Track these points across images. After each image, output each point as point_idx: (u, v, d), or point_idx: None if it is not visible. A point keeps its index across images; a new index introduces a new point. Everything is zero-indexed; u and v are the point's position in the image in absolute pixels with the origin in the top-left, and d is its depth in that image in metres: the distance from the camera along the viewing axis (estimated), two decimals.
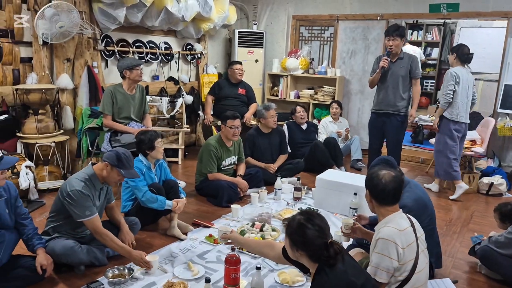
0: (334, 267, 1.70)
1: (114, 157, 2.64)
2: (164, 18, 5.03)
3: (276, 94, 6.63)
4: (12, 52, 4.11)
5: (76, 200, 2.52)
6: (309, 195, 4.25)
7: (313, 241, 1.72)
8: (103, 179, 2.70)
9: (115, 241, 2.62)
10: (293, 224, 1.80)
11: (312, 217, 1.79)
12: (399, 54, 4.30)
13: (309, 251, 1.73)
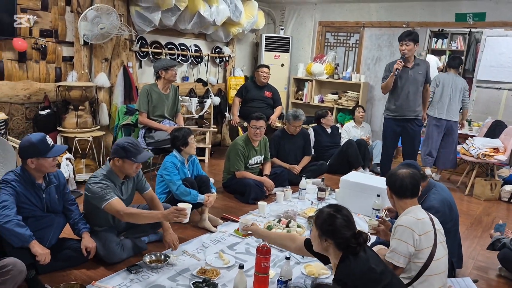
0: (358, 255, 1.84)
1: (120, 149, 2.68)
2: (197, 22, 5.24)
3: (301, 98, 6.78)
4: (55, 51, 4.37)
5: (94, 190, 2.63)
6: (332, 195, 4.39)
7: (341, 230, 1.85)
8: (122, 173, 2.79)
9: (144, 214, 2.66)
10: (322, 215, 1.93)
11: (340, 209, 1.94)
12: (414, 60, 4.38)
13: (338, 239, 1.86)
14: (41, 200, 2.56)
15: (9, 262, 2.11)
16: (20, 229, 2.30)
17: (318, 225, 1.94)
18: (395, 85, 4.38)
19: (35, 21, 4.14)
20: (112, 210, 2.64)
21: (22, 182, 2.46)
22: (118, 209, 2.61)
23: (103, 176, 2.71)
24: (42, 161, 2.46)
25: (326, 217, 1.91)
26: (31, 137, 2.49)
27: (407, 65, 4.31)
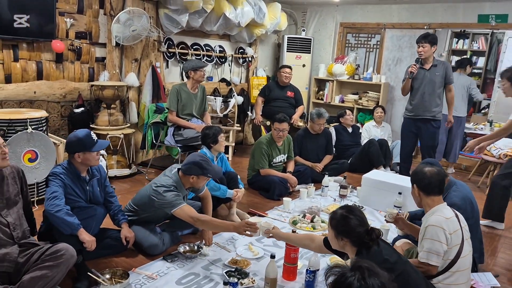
0: (371, 249, 1.95)
1: (196, 168, 2.83)
2: (222, 23, 5.41)
3: (321, 98, 6.89)
4: (89, 52, 4.58)
5: (167, 197, 2.75)
6: (353, 193, 4.50)
7: (355, 229, 1.96)
8: (191, 186, 2.93)
9: (216, 223, 2.79)
10: (336, 217, 2.04)
11: (352, 209, 2.05)
12: (433, 61, 4.45)
13: (353, 237, 1.97)
14: (85, 192, 2.74)
15: (62, 247, 2.29)
16: (70, 217, 2.48)
17: (333, 226, 2.05)
18: (412, 86, 4.47)
19: (71, 24, 4.36)
20: (183, 215, 2.74)
21: (69, 175, 2.65)
22: (191, 215, 2.73)
23: (173, 187, 2.81)
24: (87, 155, 2.65)
25: (340, 218, 2.02)
26: (78, 133, 2.68)
27: (425, 66, 4.40)
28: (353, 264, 1.35)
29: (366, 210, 3.98)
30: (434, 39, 4.37)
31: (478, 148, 3.58)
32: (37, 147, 3.47)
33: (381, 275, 1.31)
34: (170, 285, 2.53)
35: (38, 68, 4.18)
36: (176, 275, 2.64)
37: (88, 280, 2.46)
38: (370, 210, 3.99)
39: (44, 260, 2.24)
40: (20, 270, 2.30)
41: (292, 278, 2.68)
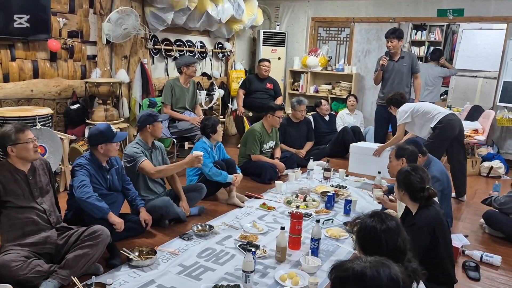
0: (432, 207, 2.35)
1: (148, 117, 3.34)
2: (205, 20, 5.68)
3: (297, 88, 7.30)
4: (81, 50, 4.74)
5: (129, 155, 3.25)
6: (336, 175, 4.94)
7: (413, 184, 2.34)
8: (152, 137, 3.41)
9: (170, 167, 3.33)
10: (401, 171, 2.44)
11: (416, 168, 2.43)
12: (400, 54, 4.97)
13: (410, 191, 2.36)
14: (106, 181, 3.00)
15: (98, 228, 2.56)
16: (100, 203, 2.75)
17: (398, 177, 2.44)
18: (383, 76, 4.98)
19: (64, 23, 4.51)
20: (145, 169, 3.24)
21: (92, 165, 2.90)
22: (148, 169, 3.24)
23: (137, 144, 3.34)
24: (109, 146, 2.91)
25: (404, 173, 2.41)
26: (99, 126, 2.93)
27: (393, 58, 4.91)
28: (370, 213, 1.74)
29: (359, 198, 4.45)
30: (401, 33, 4.89)
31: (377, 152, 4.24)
32: (45, 143, 3.66)
33: (394, 218, 1.70)
34: (193, 259, 2.85)
35: (34, 67, 4.32)
36: (196, 250, 2.96)
37: (120, 257, 2.74)
38: (363, 194, 4.46)
39: (84, 241, 2.51)
40: (60, 251, 2.56)
41: (297, 247, 3.06)
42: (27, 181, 2.56)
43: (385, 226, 1.65)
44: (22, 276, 2.26)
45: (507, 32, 5.93)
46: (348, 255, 3.01)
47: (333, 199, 3.89)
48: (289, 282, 2.59)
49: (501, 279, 2.89)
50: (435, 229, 2.28)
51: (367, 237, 1.67)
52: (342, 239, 3.27)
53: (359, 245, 1.70)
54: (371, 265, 1.20)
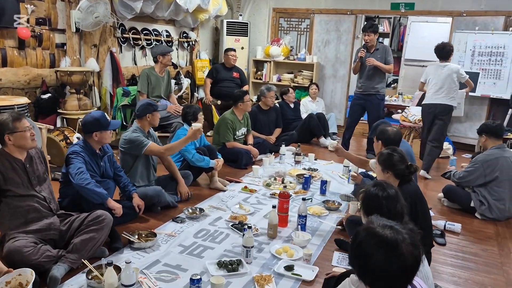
0: (411, 182, 2.61)
1: (148, 106, 3.46)
2: (173, 9, 5.70)
3: (260, 77, 7.51)
4: (49, 38, 4.63)
5: (132, 140, 3.34)
6: (305, 159, 5.22)
7: (396, 163, 2.57)
8: (149, 126, 3.53)
9: (177, 143, 3.46)
10: (384, 154, 2.64)
11: (395, 149, 2.67)
12: (376, 46, 5.33)
13: (394, 171, 2.58)
14: (99, 168, 3.05)
15: (102, 213, 2.64)
16: (98, 189, 2.81)
17: (380, 162, 2.63)
18: (360, 67, 5.32)
19: (32, 10, 4.38)
20: (154, 150, 3.38)
21: (86, 152, 2.94)
22: (159, 148, 3.40)
23: (136, 131, 3.41)
24: (103, 134, 2.96)
25: (386, 155, 2.62)
26: (93, 114, 2.98)
27: (370, 50, 5.25)
28: (373, 183, 1.99)
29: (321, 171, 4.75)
30: (377, 28, 5.27)
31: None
32: None
33: (393, 187, 1.97)
34: (190, 239, 2.99)
35: (2, 55, 4.18)
36: (191, 231, 3.11)
37: (121, 240, 2.83)
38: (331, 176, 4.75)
39: (89, 225, 2.59)
40: (64, 237, 2.62)
41: (284, 225, 3.29)
42: (25, 170, 2.57)
43: (386, 193, 1.91)
44: (34, 261, 2.30)
45: (452, 26, 6.47)
46: (331, 229, 3.30)
47: (309, 180, 4.16)
48: (285, 255, 2.81)
49: (463, 243, 3.30)
50: (416, 202, 2.59)
51: (370, 203, 1.92)
52: (323, 216, 3.55)
53: (363, 210, 1.95)
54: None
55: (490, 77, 6.06)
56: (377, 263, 1.27)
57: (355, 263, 1.34)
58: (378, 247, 1.29)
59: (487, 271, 2.88)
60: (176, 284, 2.43)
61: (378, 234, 1.31)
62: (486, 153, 3.80)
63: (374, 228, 1.34)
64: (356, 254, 1.34)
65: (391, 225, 1.34)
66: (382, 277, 1.28)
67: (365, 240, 1.32)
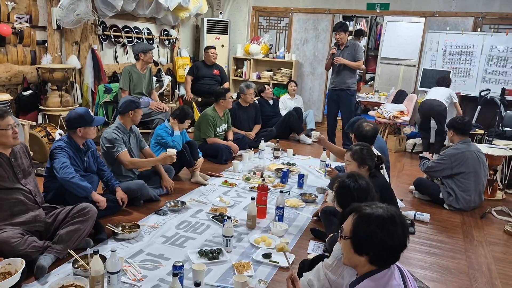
0: (379, 174, 2.80)
1: (131, 103, 3.56)
2: (154, 7, 5.78)
3: (240, 75, 7.64)
4: (30, 35, 4.66)
5: (110, 140, 3.44)
6: (284, 154, 5.38)
7: (367, 158, 2.81)
8: (131, 123, 3.64)
9: (144, 161, 3.58)
10: (357, 151, 2.84)
11: (363, 145, 2.88)
12: (346, 44, 5.53)
13: (368, 164, 2.82)
14: (83, 162, 3.14)
15: (86, 205, 2.73)
16: (83, 182, 2.90)
17: (355, 159, 2.83)
18: (332, 64, 5.51)
19: (12, 7, 4.41)
20: (123, 159, 3.48)
21: (70, 147, 3.03)
22: (125, 159, 3.49)
23: (117, 129, 3.52)
24: (87, 129, 3.05)
25: (358, 151, 2.82)
26: (78, 110, 3.06)
27: (341, 48, 5.44)
28: (346, 174, 2.16)
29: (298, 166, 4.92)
30: (347, 27, 5.46)
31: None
32: None
33: (365, 178, 2.14)
34: (172, 230, 3.11)
35: None
36: (173, 223, 3.23)
37: (105, 232, 2.93)
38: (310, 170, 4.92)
39: (74, 217, 2.68)
40: (49, 229, 2.70)
41: (263, 216, 3.44)
42: (10, 164, 2.64)
43: (358, 185, 2.08)
44: (21, 251, 2.38)
45: (425, 26, 6.73)
46: (307, 221, 3.46)
47: (287, 174, 4.33)
48: (263, 244, 2.96)
49: (431, 231, 3.51)
50: (384, 192, 2.78)
51: (343, 193, 2.09)
52: (300, 207, 3.72)
53: (337, 200, 2.12)
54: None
55: (460, 76, 6.34)
56: (380, 239, 1.43)
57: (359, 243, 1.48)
58: (379, 227, 1.44)
59: (452, 256, 3.09)
60: (159, 272, 2.55)
61: (373, 215, 1.46)
62: (453, 148, 4.03)
63: (365, 209, 1.49)
64: (359, 234, 1.47)
65: (378, 205, 1.51)
66: (385, 251, 1.44)
67: (362, 221, 1.47)
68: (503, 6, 6.17)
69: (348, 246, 1.50)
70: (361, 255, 1.47)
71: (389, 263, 1.48)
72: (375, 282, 1.44)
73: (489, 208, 4.02)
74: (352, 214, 1.53)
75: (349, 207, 1.57)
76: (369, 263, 1.47)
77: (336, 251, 1.96)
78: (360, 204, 1.56)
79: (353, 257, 1.49)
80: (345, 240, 1.51)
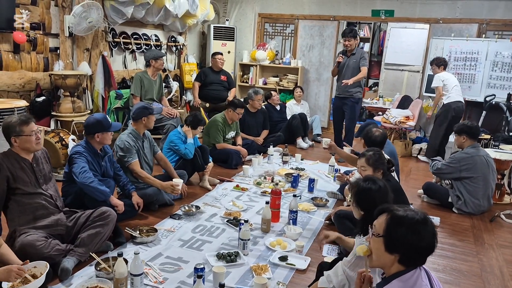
0: (390, 177, 2.87)
1: (143, 110, 3.59)
2: (163, 14, 5.86)
3: (246, 81, 7.71)
4: (43, 42, 4.73)
5: (123, 149, 3.46)
6: (292, 159, 5.44)
7: (382, 161, 2.91)
8: (144, 128, 3.65)
9: (150, 179, 3.52)
10: (372, 155, 2.92)
11: (374, 149, 2.97)
12: (353, 50, 5.57)
13: (383, 168, 2.91)
14: (100, 167, 3.20)
15: (106, 209, 2.79)
16: (102, 187, 2.96)
17: (371, 165, 2.91)
18: (338, 71, 5.56)
19: (27, 15, 4.48)
20: (134, 169, 3.48)
21: (89, 152, 3.09)
22: (135, 169, 3.50)
23: (131, 135, 3.55)
24: (105, 135, 3.11)
25: (377, 157, 2.91)
26: (95, 116, 3.12)
27: (347, 54, 5.49)
28: (363, 178, 2.22)
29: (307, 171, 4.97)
30: (356, 33, 5.50)
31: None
32: None
33: (382, 180, 2.20)
34: (188, 234, 3.16)
35: None
36: (189, 227, 3.28)
37: (124, 236, 2.98)
38: (320, 174, 4.97)
39: (95, 221, 2.73)
40: (70, 232, 2.76)
41: (276, 220, 3.49)
42: (32, 169, 2.70)
43: (378, 186, 2.14)
44: (46, 254, 2.43)
45: (430, 32, 6.82)
46: (320, 224, 3.51)
47: (298, 179, 4.38)
48: (279, 247, 3.01)
49: (442, 234, 3.56)
50: (398, 196, 2.83)
51: (364, 196, 2.14)
52: (312, 211, 3.77)
53: (356, 203, 2.17)
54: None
55: (465, 81, 6.41)
56: (412, 239, 1.47)
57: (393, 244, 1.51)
58: (411, 228, 1.48)
59: (464, 259, 3.14)
60: (179, 275, 2.60)
61: (407, 217, 1.51)
62: (464, 152, 4.08)
63: (398, 210, 1.54)
64: (392, 237, 1.51)
65: (409, 207, 1.57)
66: (416, 251, 1.49)
67: (394, 224, 1.51)
68: (507, 12, 6.25)
69: (379, 244, 1.55)
70: (391, 254, 1.52)
71: (417, 265, 1.53)
72: (403, 282, 1.49)
73: (498, 212, 4.07)
74: (384, 214, 1.58)
75: (380, 207, 1.63)
76: (398, 263, 1.52)
77: (355, 249, 2.02)
78: (391, 205, 1.62)
79: (383, 255, 1.54)
80: (377, 238, 1.56)
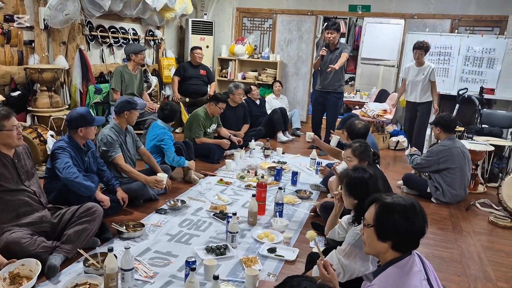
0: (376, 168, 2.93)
1: (126, 104, 3.54)
2: (141, 8, 5.76)
3: (225, 75, 7.68)
4: (17, 35, 4.58)
5: (106, 143, 3.40)
6: (274, 153, 5.47)
7: (369, 152, 2.95)
8: (126, 123, 3.60)
9: (134, 173, 3.48)
10: (359, 147, 2.97)
11: (360, 141, 3.03)
12: (336, 45, 5.62)
13: (369, 159, 2.96)
14: (83, 163, 3.13)
15: (92, 205, 2.74)
16: (87, 182, 2.90)
17: (357, 156, 2.96)
18: (320, 65, 5.57)
19: (0, 7, 4.33)
20: (119, 163, 3.43)
21: (72, 147, 3.02)
22: (120, 163, 3.44)
23: (113, 130, 3.48)
24: (88, 129, 3.05)
25: (363, 149, 2.96)
26: (78, 110, 3.05)
27: (330, 48, 5.52)
28: (353, 168, 2.27)
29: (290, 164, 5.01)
30: (339, 26, 5.52)
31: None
32: None
33: (371, 168, 2.25)
34: (175, 228, 3.15)
35: None
36: (176, 221, 3.27)
37: (110, 231, 2.94)
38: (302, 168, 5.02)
39: (81, 217, 2.69)
40: (55, 229, 2.70)
41: (262, 213, 3.52)
42: (14, 165, 2.62)
43: (369, 174, 2.18)
44: (32, 252, 2.38)
45: (405, 27, 6.96)
46: (305, 216, 3.56)
47: (281, 172, 4.42)
48: (266, 239, 3.04)
49: None
50: (384, 185, 2.91)
51: (357, 185, 2.18)
52: (297, 204, 3.82)
53: (349, 193, 2.21)
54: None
55: (439, 75, 6.58)
56: (402, 225, 1.53)
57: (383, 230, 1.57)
58: (401, 214, 1.54)
59: (444, 246, 3.25)
60: (169, 269, 2.59)
61: (395, 203, 1.56)
62: (440, 144, 4.21)
63: (386, 199, 1.59)
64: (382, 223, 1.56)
65: (396, 195, 1.62)
66: (408, 236, 1.55)
67: (384, 212, 1.56)
68: (478, 9, 6.46)
69: (371, 234, 1.59)
70: (384, 242, 1.57)
71: (410, 249, 1.58)
72: (399, 268, 1.54)
73: (473, 201, 4.22)
74: (373, 204, 1.63)
75: (369, 198, 1.67)
76: (392, 249, 1.57)
77: (349, 238, 2.06)
78: (380, 194, 1.66)
79: (377, 244, 1.59)
80: (369, 228, 1.60)
